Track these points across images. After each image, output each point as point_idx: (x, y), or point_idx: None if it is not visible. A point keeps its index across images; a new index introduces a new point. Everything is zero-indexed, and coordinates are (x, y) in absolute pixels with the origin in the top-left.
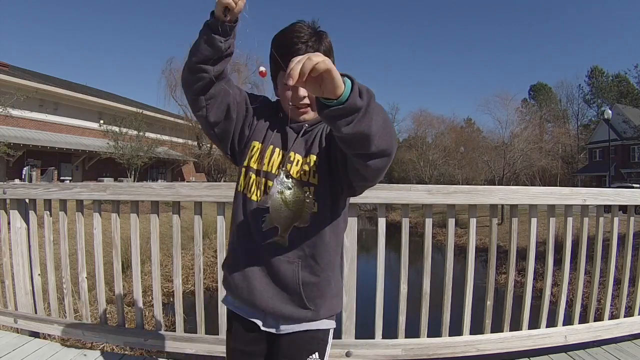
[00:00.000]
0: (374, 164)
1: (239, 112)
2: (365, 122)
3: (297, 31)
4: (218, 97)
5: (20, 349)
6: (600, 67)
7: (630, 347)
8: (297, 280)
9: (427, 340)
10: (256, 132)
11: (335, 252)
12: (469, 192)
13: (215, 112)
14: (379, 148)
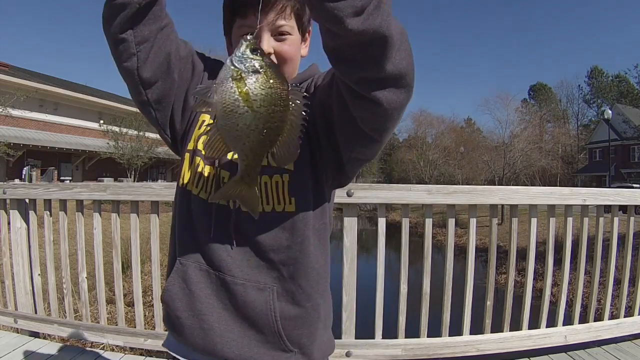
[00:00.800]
0: (388, 97)
1: (183, 72)
2: (382, 15)
3: None
4: (155, 42)
5: (20, 349)
6: (600, 67)
7: (630, 347)
8: (272, 313)
9: (427, 340)
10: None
11: (323, 266)
12: (469, 192)
13: (151, 63)
14: (398, 67)
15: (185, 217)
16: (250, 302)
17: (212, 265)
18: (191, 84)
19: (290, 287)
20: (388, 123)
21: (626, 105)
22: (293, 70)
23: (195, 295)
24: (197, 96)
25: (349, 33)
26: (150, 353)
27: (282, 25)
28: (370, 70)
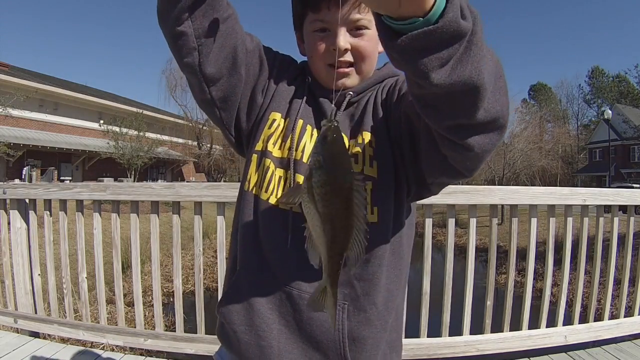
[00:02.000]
0: (480, 141)
1: (250, 67)
2: (473, 61)
3: None
4: (218, 35)
5: (20, 349)
6: (600, 67)
7: (630, 347)
8: (340, 334)
9: (427, 340)
10: (275, 100)
11: (398, 286)
12: (469, 192)
13: (215, 58)
14: (491, 113)
15: (252, 223)
16: (316, 319)
17: (278, 277)
18: (259, 79)
19: (363, 304)
20: (480, 163)
21: (626, 105)
22: (371, 68)
23: (254, 308)
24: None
25: (434, 87)
26: (150, 353)
27: (359, 19)
28: (460, 119)
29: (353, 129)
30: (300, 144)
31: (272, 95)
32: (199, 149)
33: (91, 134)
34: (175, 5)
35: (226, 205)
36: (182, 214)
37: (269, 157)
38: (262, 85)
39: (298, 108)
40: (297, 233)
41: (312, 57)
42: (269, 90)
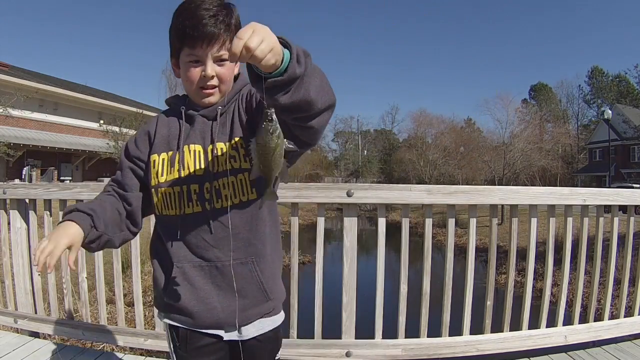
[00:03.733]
0: (318, 122)
1: (140, 172)
2: (304, 87)
3: (203, 2)
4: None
5: (20, 349)
6: (600, 67)
7: (630, 347)
8: (258, 279)
9: (427, 340)
10: (154, 147)
11: (276, 232)
12: (469, 192)
13: (142, 211)
14: (324, 105)
15: (175, 234)
16: (240, 277)
17: (204, 262)
18: (140, 162)
19: (261, 253)
20: (320, 134)
21: (626, 105)
22: (230, 85)
23: (194, 288)
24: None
25: (280, 104)
26: (150, 353)
27: (222, 54)
28: (301, 115)
29: (229, 135)
30: (191, 164)
31: (150, 148)
32: None
33: (91, 134)
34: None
35: None
36: None
37: (162, 187)
38: (143, 158)
39: (178, 136)
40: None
41: (187, 81)
42: (146, 152)
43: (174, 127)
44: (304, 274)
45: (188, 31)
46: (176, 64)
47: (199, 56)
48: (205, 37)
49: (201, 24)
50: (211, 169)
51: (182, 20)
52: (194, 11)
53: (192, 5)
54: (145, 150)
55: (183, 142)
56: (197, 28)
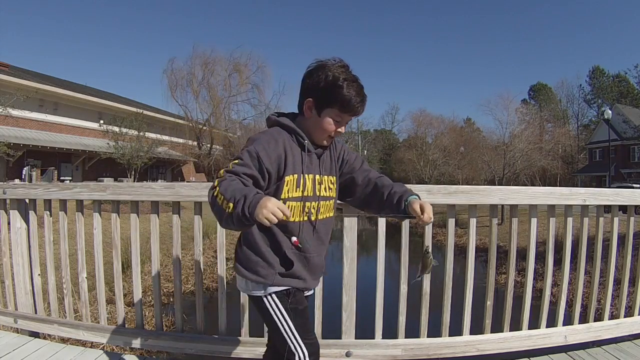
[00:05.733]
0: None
1: (261, 183)
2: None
3: (361, 85)
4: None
5: (20, 349)
6: (600, 67)
7: (630, 347)
8: (323, 267)
9: (427, 340)
10: (287, 169)
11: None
12: (469, 192)
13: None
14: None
15: (297, 234)
16: (318, 263)
17: (306, 253)
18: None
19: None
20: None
21: (626, 105)
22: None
23: (303, 266)
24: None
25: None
26: (150, 353)
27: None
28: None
29: (328, 172)
30: (307, 188)
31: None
32: (199, 149)
33: (91, 134)
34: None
35: None
36: (182, 214)
37: (291, 200)
38: (275, 175)
39: (295, 162)
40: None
41: (321, 128)
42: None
43: (297, 155)
44: None
45: (352, 104)
46: (315, 107)
47: (344, 120)
48: (358, 113)
49: (361, 104)
50: (317, 193)
51: (349, 92)
52: (359, 90)
53: (356, 82)
54: (280, 169)
55: (305, 170)
56: (357, 106)
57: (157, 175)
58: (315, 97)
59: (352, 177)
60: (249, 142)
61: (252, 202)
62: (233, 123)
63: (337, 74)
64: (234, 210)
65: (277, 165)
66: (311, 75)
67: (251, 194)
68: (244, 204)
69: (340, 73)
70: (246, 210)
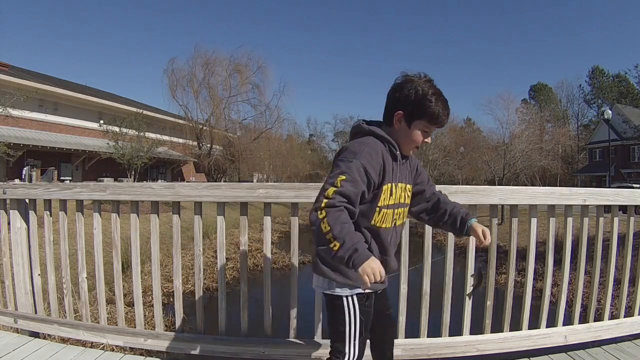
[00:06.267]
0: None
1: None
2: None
3: (447, 108)
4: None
5: (20, 349)
6: (600, 67)
7: (630, 347)
8: (395, 268)
9: (427, 340)
10: (386, 178)
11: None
12: (469, 192)
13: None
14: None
15: (380, 238)
16: (394, 266)
17: (387, 256)
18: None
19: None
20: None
21: (626, 105)
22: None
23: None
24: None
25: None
26: (150, 353)
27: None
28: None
29: (407, 180)
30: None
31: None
32: (199, 149)
33: (91, 134)
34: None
35: (226, 205)
36: (182, 214)
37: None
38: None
39: (391, 176)
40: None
41: (410, 139)
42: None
43: (390, 164)
44: (304, 274)
45: (440, 117)
46: (405, 119)
47: (431, 131)
48: (444, 124)
49: (447, 116)
50: (402, 201)
51: (438, 106)
52: (445, 104)
53: (442, 96)
54: (379, 179)
55: (397, 179)
56: (444, 119)
57: (157, 175)
58: (405, 110)
59: (421, 189)
60: (349, 154)
61: (361, 258)
62: (233, 123)
63: (425, 88)
64: (338, 252)
65: (378, 176)
66: (400, 89)
67: (361, 248)
68: (352, 254)
69: (429, 88)
70: (352, 262)
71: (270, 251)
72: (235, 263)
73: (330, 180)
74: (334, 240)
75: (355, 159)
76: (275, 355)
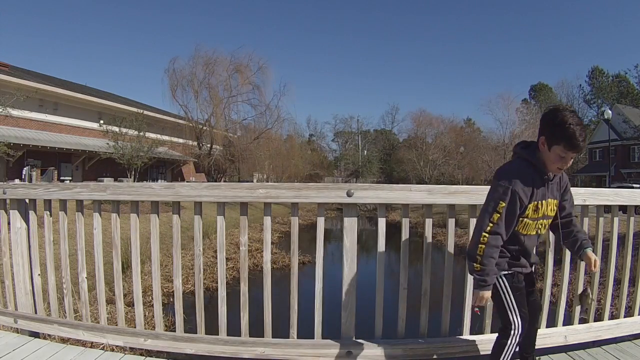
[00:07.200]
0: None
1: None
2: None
3: (582, 137)
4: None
5: (20, 349)
6: (600, 67)
7: (630, 347)
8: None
9: (427, 340)
10: (534, 197)
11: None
12: (469, 192)
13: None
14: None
15: (522, 242)
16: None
17: (531, 259)
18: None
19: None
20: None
21: (626, 105)
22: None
23: (528, 265)
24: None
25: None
26: (150, 353)
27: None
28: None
29: (553, 195)
30: (542, 210)
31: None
32: (199, 149)
33: (91, 134)
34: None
35: (226, 205)
36: (182, 214)
37: (529, 219)
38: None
39: (537, 194)
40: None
41: (551, 161)
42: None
43: (539, 184)
44: (304, 274)
45: (575, 143)
46: (547, 143)
47: (568, 156)
48: (580, 151)
49: (583, 143)
50: (547, 214)
51: (573, 134)
52: (581, 132)
53: (580, 126)
54: (528, 199)
55: (545, 197)
56: (579, 146)
57: (157, 175)
58: (547, 135)
59: (563, 205)
60: (503, 179)
61: (483, 287)
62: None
63: (565, 118)
64: (477, 272)
65: (528, 197)
66: (545, 117)
67: (490, 281)
68: (481, 281)
69: (568, 118)
70: (478, 283)
71: (270, 251)
72: (235, 263)
73: (488, 210)
74: (479, 265)
75: (509, 184)
76: (275, 355)
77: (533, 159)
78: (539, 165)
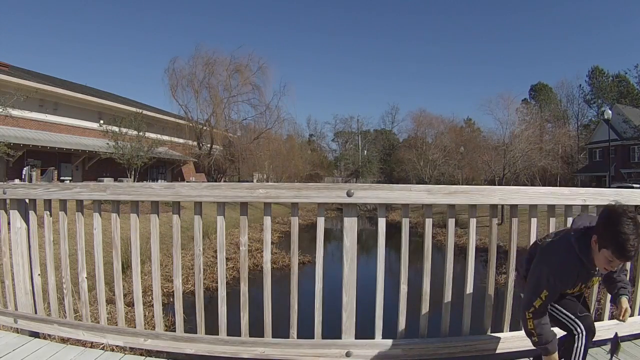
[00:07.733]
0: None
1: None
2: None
3: (634, 247)
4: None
5: (20, 349)
6: (600, 67)
7: (630, 347)
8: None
9: (427, 340)
10: (574, 286)
11: None
12: (469, 192)
13: None
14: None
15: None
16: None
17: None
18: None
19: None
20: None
21: (626, 105)
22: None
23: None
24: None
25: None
26: (150, 353)
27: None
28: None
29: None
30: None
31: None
32: (199, 149)
33: (91, 134)
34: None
35: (226, 205)
36: (182, 214)
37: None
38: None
39: (583, 279)
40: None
41: (600, 261)
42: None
43: (581, 277)
44: (304, 274)
45: (623, 253)
46: (599, 243)
47: (615, 262)
48: (628, 260)
49: (631, 253)
50: (590, 285)
51: (626, 244)
52: (633, 241)
53: (632, 235)
54: (569, 286)
55: (590, 278)
56: (628, 255)
57: (157, 175)
58: (599, 235)
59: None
60: (550, 271)
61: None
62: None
63: (619, 224)
64: (536, 344)
65: (571, 287)
66: (602, 216)
67: (551, 349)
68: (543, 351)
69: (623, 224)
70: (544, 352)
71: (270, 251)
72: (235, 263)
73: (533, 292)
74: (536, 337)
75: (554, 280)
76: (275, 355)
77: (583, 257)
78: (587, 264)
